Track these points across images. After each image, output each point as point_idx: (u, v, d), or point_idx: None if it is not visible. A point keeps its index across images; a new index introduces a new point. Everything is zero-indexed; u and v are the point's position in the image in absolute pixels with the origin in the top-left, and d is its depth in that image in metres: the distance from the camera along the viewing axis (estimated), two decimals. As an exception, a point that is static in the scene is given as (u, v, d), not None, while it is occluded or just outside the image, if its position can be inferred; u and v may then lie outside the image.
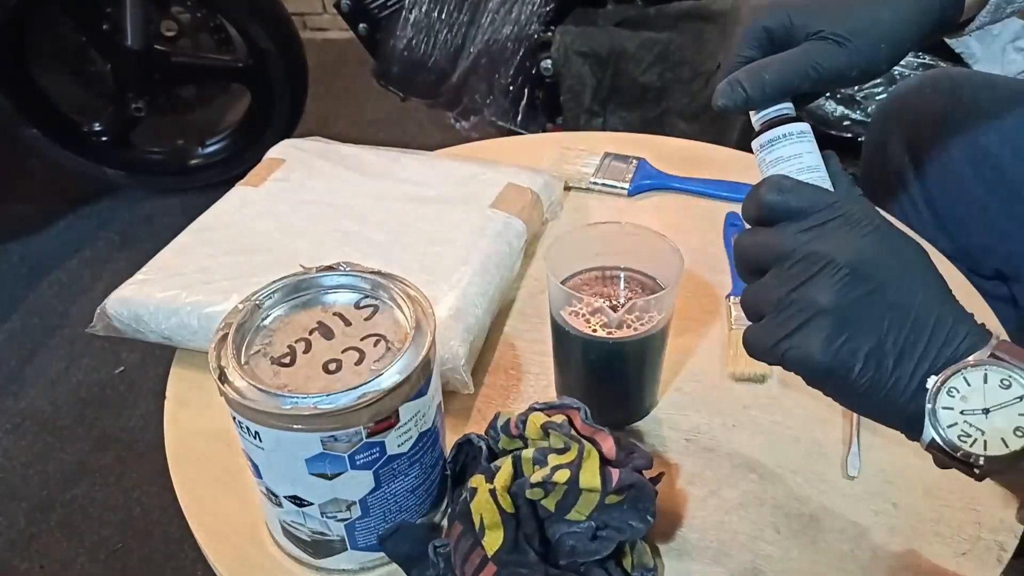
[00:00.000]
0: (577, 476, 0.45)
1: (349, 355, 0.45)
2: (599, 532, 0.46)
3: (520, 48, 1.40)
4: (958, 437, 0.40)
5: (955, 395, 0.40)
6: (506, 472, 0.46)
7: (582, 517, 0.46)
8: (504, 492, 0.46)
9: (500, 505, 0.45)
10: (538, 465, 0.46)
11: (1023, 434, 0.39)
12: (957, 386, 0.40)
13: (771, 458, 0.57)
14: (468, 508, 0.46)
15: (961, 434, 0.40)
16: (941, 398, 0.40)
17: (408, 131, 2.23)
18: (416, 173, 0.77)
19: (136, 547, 1.30)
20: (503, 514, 0.45)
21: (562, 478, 0.45)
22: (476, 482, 0.47)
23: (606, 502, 0.46)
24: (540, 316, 0.68)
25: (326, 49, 2.62)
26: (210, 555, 0.52)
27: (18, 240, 1.94)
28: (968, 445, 0.40)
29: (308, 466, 0.44)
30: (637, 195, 0.83)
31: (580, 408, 0.49)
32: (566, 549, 0.46)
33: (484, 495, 0.46)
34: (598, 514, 0.46)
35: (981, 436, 0.40)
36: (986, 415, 0.40)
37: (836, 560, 0.51)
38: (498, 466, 0.48)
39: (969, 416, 0.40)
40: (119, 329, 0.65)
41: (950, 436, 0.40)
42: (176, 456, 0.59)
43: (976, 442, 0.40)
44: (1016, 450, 0.39)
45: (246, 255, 0.67)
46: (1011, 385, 0.39)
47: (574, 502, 0.46)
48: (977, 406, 0.40)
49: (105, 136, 1.97)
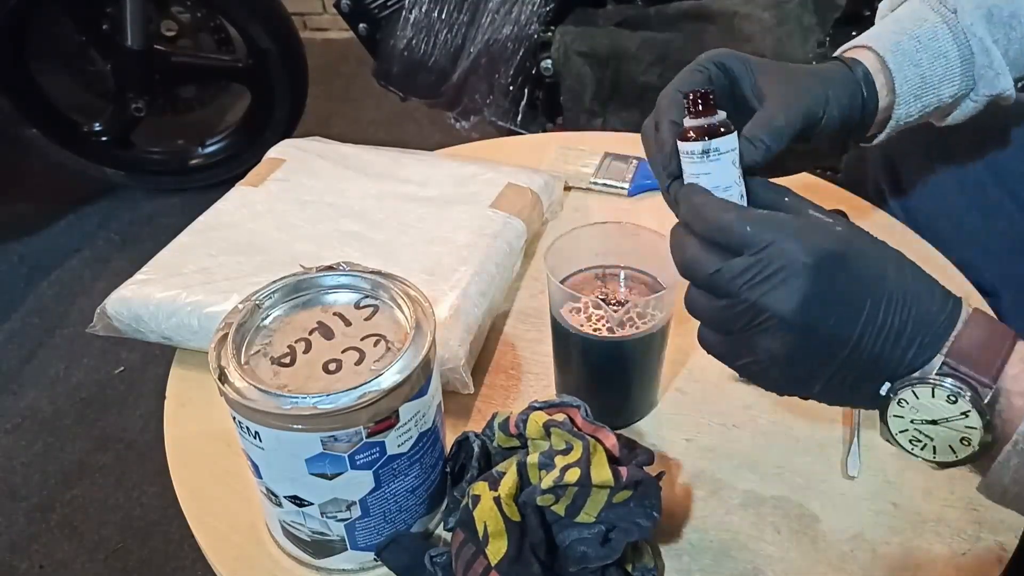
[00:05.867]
0: (588, 472, 0.45)
1: (349, 355, 0.45)
2: (609, 535, 0.46)
3: (520, 48, 1.39)
4: (909, 442, 0.42)
5: (904, 406, 0.41)
6: (511, 480, 0.46)
7: (591, 518, 0.45)
8: (510, 500, 0.45)
9: (505, 514, 0.45)
10: (544, 470, 0.46)
11: (969, 443, 0.40)
12: (906, 398, 0.40)
13: (771, 458, 0.57)
14: (471, 516, 0.45)
15: (912, 439, 0.42)
16: (892, 407, 0.41)
17: (408, 131, 2.23)
18: (416, 173, 0.77)
19: (136, 547, 1.30)
20: (508, 523, 0.45)
21: (573, 477, 0.44)
22: (479, 489, 0.46)
23: (614, 500, 0.45)
24: (540, 316, 0.68)
25: (326, 49, 2.62)
26: (210, 555, 0.52)
27: (18, 240, 1.94)
28: (919, 449, 0.42)
29: (308, 466, 0.44)
30: (637, 195, 0.83)
31: (580, 406, 0.49)
32: (577, 556, 0.46)
33: (488, 503, 0.45)
34: (606, 513, 0.45)
35: (931, 443, 0.42)
36: (934, 425, 0.41)
37: (836, 560, 0.51)
38: (501, 472, 0.47)
39: (919, 425, 0.41)
40: (119, 329, 0.65)
41: (900, 440, 0.42)
42: (176, 456, 0.59)
43: (926, 447, 0.42)
44: (964, 456, 0.41)
45: (246, 255, 0.67)
46: (957, 400, 0.39)
47: (583, 503, 0.45)
48: (926, 417, 0.41)
49: (105, 136, 1.97)
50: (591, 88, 1.36)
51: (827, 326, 0.40)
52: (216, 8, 1.89)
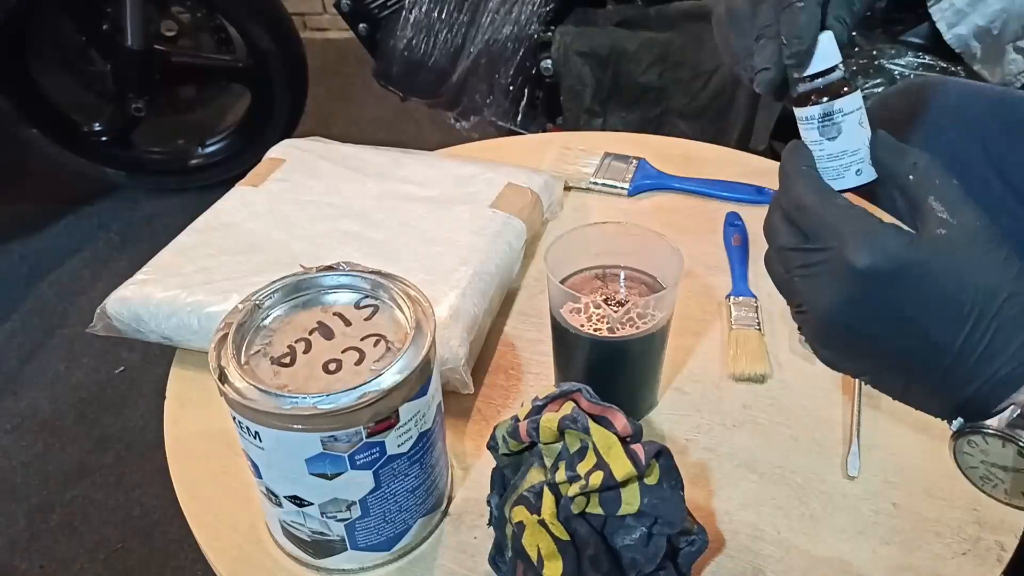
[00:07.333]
0: (611, 472, 0.44)
1: (349, 355, 0.45)
2: (652, 529, 0.45)
3: (520, 48, 1.40)
4: (979, 479, 0.41)
5: (974, 447, 0.40)
6: (550, 501, 0.46)
7: (634, 508, 0.45)
8: (554, 520, 0.45)
9: (554, 534, 0.44)
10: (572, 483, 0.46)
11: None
12: (976, 442, 0.39)
13: (771, 458, 0.57)
14: (522, 544, 0.45)
15: (983, 477, 0.41)
16: (961, 445, 0.40)
17: (408, 131, 2.23)
18: (416, 173, 0.77)
19: (136, 547, 1.30)
20: (559, 543, 0.44)
21: (597, 481, 0.44)
22: (519, 515, 0.46)
23: (646, 483, 0.45)
24: (540, 316, 0.68)
25: (326, 49, 2.62)
26: (210, 555, 0.52)
27: (18, 240, 1.94)
28: (990, 487, 0.41)
29: (308, 466, 0.44)
30: (637, 195, 0.83)
31: (582, 389, 0.48)
32: (628, 562, 0.45)
33: (534, 527, 0.45)
34: (647, 499, 0.45)
35: (1002, 484, 0.41)
36: (1005, 471, 0.40)
37: (836, 560, 0.51)
38: (535, 491, 0.46)
39: (991, 467, 0.40)
40: (119, 329, 0.65)
41: (971, 476, 0.41)
42: (176, 456, 0.59)
43: (997, 487, 0.41)
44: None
45: (246, 255, 0.67)
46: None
47: (617, 496, 0.45)
48: (997, 462, 0.40)
49: (105, 136, 1.97)
50: (591, 88, 1.36)
51: (865, 333, 0.39)
52: (216, 8, 1.89)
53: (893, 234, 0.38)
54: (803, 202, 0.41)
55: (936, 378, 0.39)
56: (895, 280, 0.37)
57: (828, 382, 0.62)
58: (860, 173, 0.42)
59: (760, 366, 0.63)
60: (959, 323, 0.37)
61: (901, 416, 0.59)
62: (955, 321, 0.37)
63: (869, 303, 0.38)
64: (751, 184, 0.82)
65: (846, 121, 0.41)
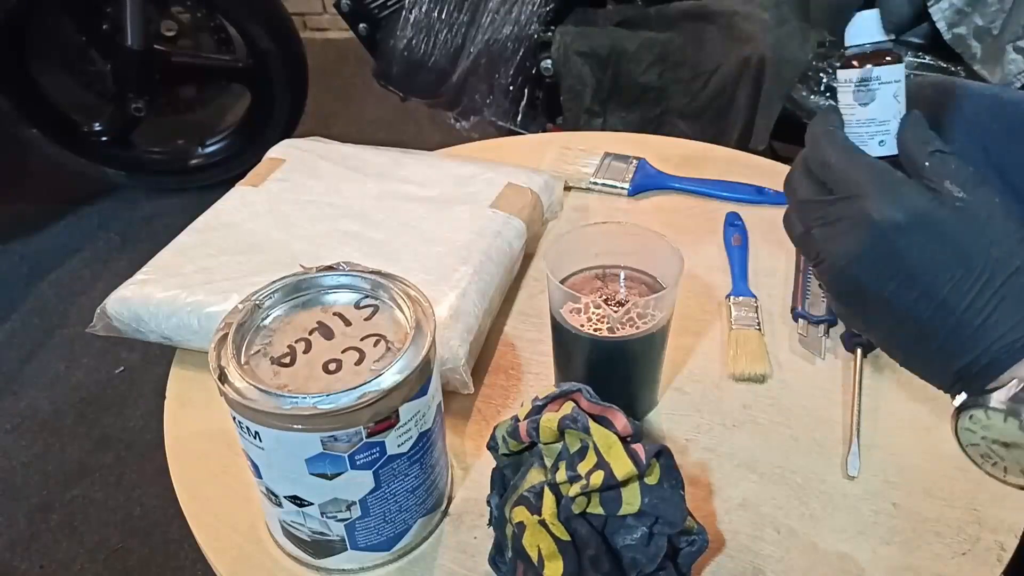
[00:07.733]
0: (612, 472, 0.44)
1: (349, 355, 0.45)
2: (652, 528, 0.45)
3: (520, 48, 1.40)
4: (980, 456, 0.41)
5: (976, 423, 0.40)
6: (550, 501, 0.46)
7: (634, 508, 0.45)
8: (555, 520, 0.45)
9: (554, 534, 0.44)
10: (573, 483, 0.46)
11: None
12: (978, 416, 0.39)
13: (771, 458, 0.57)
14: (522, 544, 0.45)
15: (983, 455, 0.41)
16: (962, 420, 0.40)
17: (408, 131, 2.23)
18: (416, 173, 0.77)
19: (136, 547, 1.30)
20: (559, 543, 0.44)
21: (598, 480, 0.44)
22: (519, 516, 0.46)
23: (647, 482, 0.45)
24: (540, 316, 0.68)
25: (326, 49, 2.62)
26: (210, 555, 0.52)
27: (18, 240, 1.94)
28: (990, 466, 0.41)
29: (308, 466, 0.44)
30: (637, 195, 0.83)
31: (582, 389, 0.48)
32: (628, 562, 0.45)
33: (534, 527, 0.45)
34: (648, 498, 0.45)
35: (1002, 462, 0.40)
36: (1006, 448, 0.40)
37: (836, 560, 0.51)
38: (535, 491, 0.47)
39: (991, 444, 0.40)
40: (119, 329, 0.65)
41: (971, 454, 0.41)
42: (176, 456, 0.59)
43: (996, 465, 0.41)
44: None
45: (246, 255, 0.67)
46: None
47: (618, 496, 0.45)
48: (998, 438, 0.39)
49: (105, 136, 1.97)
50: (591, 88, 1.36)
51: (878, 285, 0.40)
52: (216, 8, 1.89)
53: (916, 189, 0.39)
54: (828, 158, 0.41)
55: (940, 339, 0.39)
56: (913, 233, 0.38)
57: (828, 382, 0.62)
58: (883, 144, 0.43)
59: (760, 366, 0.63)
60: (968, 284, 0.38)
61: (901, 416, 0.59)
62: (964, 281, 0.38)
63: (886, 255, 0.39)
64: (751, 184, 0.82)
65: (881, 90, 0.42)
